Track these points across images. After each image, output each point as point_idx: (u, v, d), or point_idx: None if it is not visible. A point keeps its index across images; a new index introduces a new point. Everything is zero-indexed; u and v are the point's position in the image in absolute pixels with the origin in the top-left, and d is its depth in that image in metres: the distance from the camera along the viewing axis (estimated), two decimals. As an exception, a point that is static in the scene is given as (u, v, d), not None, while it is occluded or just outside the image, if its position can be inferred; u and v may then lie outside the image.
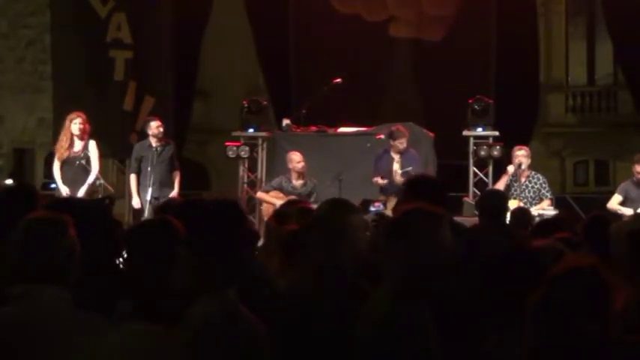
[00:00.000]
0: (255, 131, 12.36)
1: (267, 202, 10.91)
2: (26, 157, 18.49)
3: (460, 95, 12.35)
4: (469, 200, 11.18)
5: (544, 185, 10.64)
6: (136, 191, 10.87)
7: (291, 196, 9.79)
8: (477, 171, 12.09)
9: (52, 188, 11.26)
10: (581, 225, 5.28)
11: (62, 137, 10.57)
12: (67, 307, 3.06)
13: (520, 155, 10.60)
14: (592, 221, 5.24)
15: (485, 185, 11.74)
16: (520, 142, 11.22)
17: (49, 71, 14.06)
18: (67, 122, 10.55)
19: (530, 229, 6.38)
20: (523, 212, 8.14)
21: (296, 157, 10.91)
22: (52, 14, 13.53)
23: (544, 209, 10.23)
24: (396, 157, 10.86)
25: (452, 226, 3.40)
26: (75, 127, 10.48)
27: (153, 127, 10.84)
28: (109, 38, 12.95)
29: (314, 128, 12.34)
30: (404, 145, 10.85)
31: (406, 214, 3.19)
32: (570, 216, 6.96)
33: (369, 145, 11.63)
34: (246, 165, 12.46)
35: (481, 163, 12.08)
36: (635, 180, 10.59)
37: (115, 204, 10.99)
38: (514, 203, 9.72)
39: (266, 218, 9.37)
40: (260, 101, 12.73)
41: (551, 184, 11.20)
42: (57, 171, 10.53)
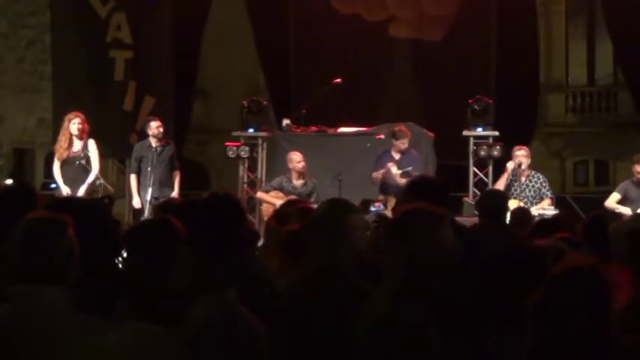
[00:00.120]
0: (255, 131, 12.37)
1: (267, 202, 10.91)
2: (26, 157, 18.50)
3: (460, 95, 12.35)
4: (469, 200, 11.18)
5: (544, 184, 10.65)
6: (136, 191, 10.88)
7: (292, 196, 9.79)
8: (476, 171, 12.09)
9: (52, 188, 11.27)
10: (581, 225, 5.28)
11: (61, 137, 10.57)
12: (67, 307, 3.06)
13: (520, 155, 10.61)
14: (592, 221, 5.24)
15: (485, 185, 11.74)
16: (520, 142, 11.21)
17: (49, 71, 14.06)
18: (66, 122, 10.55)
19: (530, 229, 6.38)
20: (523, 212, 8.14)
21: (296, 157, 10.91)
22: (52, 14, 13.53)
23: (544, 209, 10.24)
24: (396, 156, 10.86)
25: (453, 226, 3.40)
26: (74, 127, 10.48)
27: (153, 127, 10.85)
28: (109, 38, 12.95)
29: (314, 128, 12.34)
30: (405, 145, 10.86)
31: (406, 214, 3.18)
32: (570, 216, 6.96)
33: (369, 145, 11.64)
34: (246, 165, 12.46)
35: (481, 163, 12.08)
36: (635, 180, 10.60)
37: (115, 204, 10.98)
38: (514, 203, 9.72)
39: (266, 218, 9.37)
40: (260, 101, 12.73)
41: (551, 184, 11.21)
42: (57, 171, 10.53)
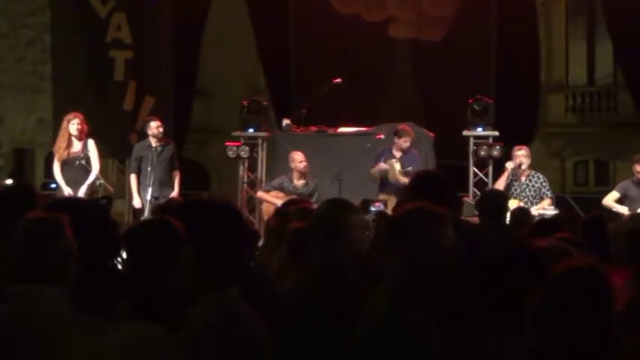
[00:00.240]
0: (255, 131, 12.36)
1: (268, 202, 10.90)
2: (26, 157, 18.51)
3: (460, 95, 12.35)
4: (469, 200, 11.17)
5: (544, 184, 10.65)
6: (136, 191, 10.87)
7: (292, 196, 9.78)
8: (476, 171, 12.09)
9: (52, 188, 11.26)
10: (580, 225, 5.28)
11: (60, 138, 10.57)
12: (67, 307, 3.06)
13: (520, 155, 10.60)
14: (591, 221, 5.24)
15: (485, 185, 11.74)
16: (520, 142, 11.20)
17: (49, 71, 14.05)
18: (65, 123, 10.55)
19: (530, 229, 6.38)
20: (523, 212, 8.13)
21: (298, 157, 10.91)
22: (52, 14, 13.52)
23: (544, 209, 10.24)
24: (397, 155, 10.86)
25: (455, 224, 3.40)
26: (73, 127, 10.47)
27: (153, 127, 10.85)
28: (109, 38, 12.95)
29: (314, 128, 12.34)
30: (407, 144, 10.85)
31: (407, 214, 3.18)
32: (570, 216, 6.95)
33: (369, 145, 11.64)
34: (246, 165, 12.46)
35: (481, 163, 12.08)
36: (635, 179, 10.60)
37: (115, 204, 10.99)
38: (514, 203, 9.72)
39: (266, 218, 9.37)
40: (260, 101, 12.73)
41: (551, 184, 11.20)
42: (58, 172, 10.52)
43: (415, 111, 13.79)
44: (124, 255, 3.27)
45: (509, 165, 10.65)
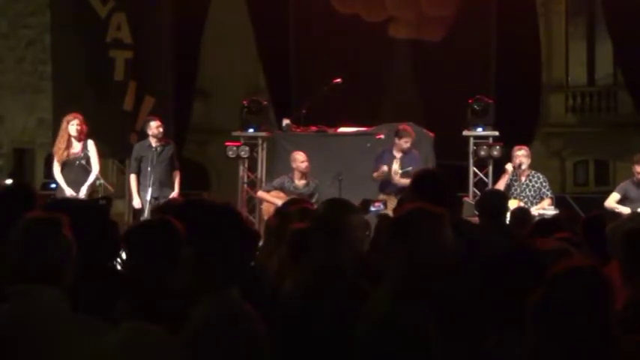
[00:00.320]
0: (255, 131, 12.36)
1: (268, 202, 10.90)
2: (26, 157, 18.52)
3: (460, 95, 12.34)
4: (469, 200, 11.17)
5: (544, 184, 10.65)
6: (136, 191, 10.87)
7: (293, 196, 9.77)
8: (476, 171, 12.09)
9: (53, 188, 11.26)
10: (580, 225, 5.28)
11: (59, 139, 10.56)
12: (67, 307, 3.06)
13: (520, 155, 10.60)
14: (591, 221, 5.24)
15: (485, 185, 11.74)
16: (520, 142, 11.20)
17: (49, 71, 14.05)
18: (64, 123, 10.54)
19: (530, 229, 6.38)
20: (523, 212, 8.13)
21: (300, 157, 10.90)
22: (52, 14, 13.52)
23: (545, 209, 10.24)
24: (397, 155, 10.86)
25: (455, 224, 3.40)
26: (72, 128, 10.47)
27: (153, 127, 10.84)
28: (109, 38, 12.94)
29: (314, 128, 12.33)
30: (408, 144, 10.84)
31: (407, 214, 3.19)
32: (570, 216, 6.95)
33: (369, 145, 11.64)
34: (246, 165, 12.45)
35: (481, 163, 12.08)
36: (635, 180, 10.60)
37: (115, 204, 10.99)
38: (514, 203, 9.72)
39: (266, 218, 9.36)
40: (260, 101, 12.73)
41: (551, 184, 11.20)
42: (58, 173, 10.51)
43: (415, 111, 13.79)
44: (124, 255, 3.27)
45: (508, 167, 10.64)
